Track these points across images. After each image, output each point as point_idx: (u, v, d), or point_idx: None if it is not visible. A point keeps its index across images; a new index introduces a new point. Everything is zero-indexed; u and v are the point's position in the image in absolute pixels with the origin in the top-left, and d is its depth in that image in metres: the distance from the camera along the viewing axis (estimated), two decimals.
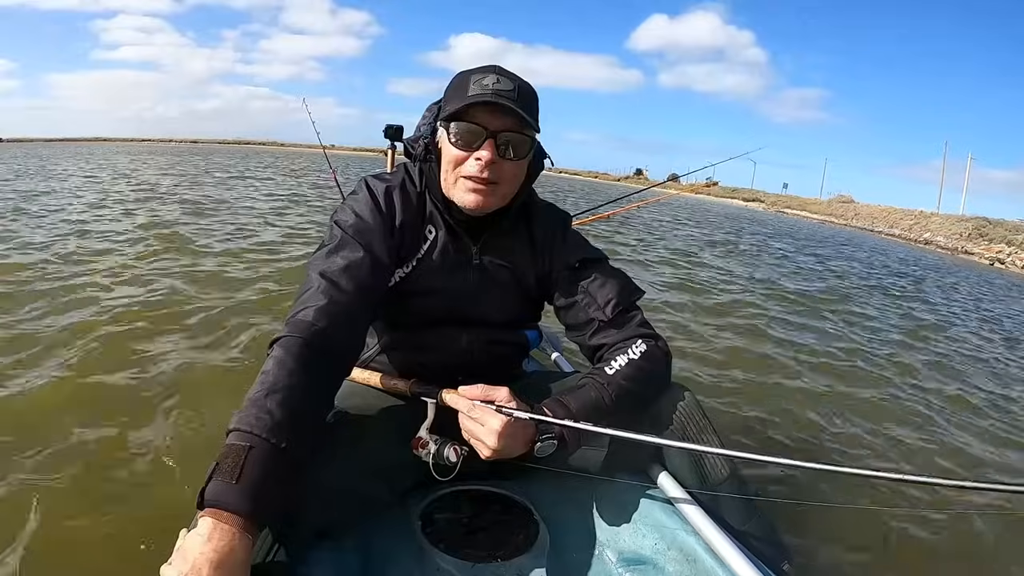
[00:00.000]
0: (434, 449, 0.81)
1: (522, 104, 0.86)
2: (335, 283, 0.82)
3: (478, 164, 0.86)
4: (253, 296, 3.09)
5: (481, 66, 0.90)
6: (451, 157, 0.88)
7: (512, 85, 0.86)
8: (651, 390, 0.94)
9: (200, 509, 0.61)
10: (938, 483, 0.68)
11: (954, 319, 5.10)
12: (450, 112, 0.86)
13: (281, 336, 0.76)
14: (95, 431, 1.60)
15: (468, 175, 0.87)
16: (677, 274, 5.35)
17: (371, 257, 0.87)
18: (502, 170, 0.88)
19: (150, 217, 5.67)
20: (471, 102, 0.83)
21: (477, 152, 0.86)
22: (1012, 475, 2.02)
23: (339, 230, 0.89)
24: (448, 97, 0.90)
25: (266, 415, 0.66)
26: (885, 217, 27.48)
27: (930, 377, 3.07)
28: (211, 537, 0.58)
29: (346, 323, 0.81)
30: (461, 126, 0.86)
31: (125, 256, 3.86)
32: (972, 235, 19.74)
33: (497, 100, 0.83)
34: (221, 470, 0.62)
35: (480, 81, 0.85)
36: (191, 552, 0.57)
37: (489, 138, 0.85)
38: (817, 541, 1.37)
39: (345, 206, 0.93)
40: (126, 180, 10.28)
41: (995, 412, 2.64)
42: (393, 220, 0.92)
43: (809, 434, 2.09)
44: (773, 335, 3.47)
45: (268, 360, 0.74)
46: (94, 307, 2.68)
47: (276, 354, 0.74)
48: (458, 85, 0.88)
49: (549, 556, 0.86)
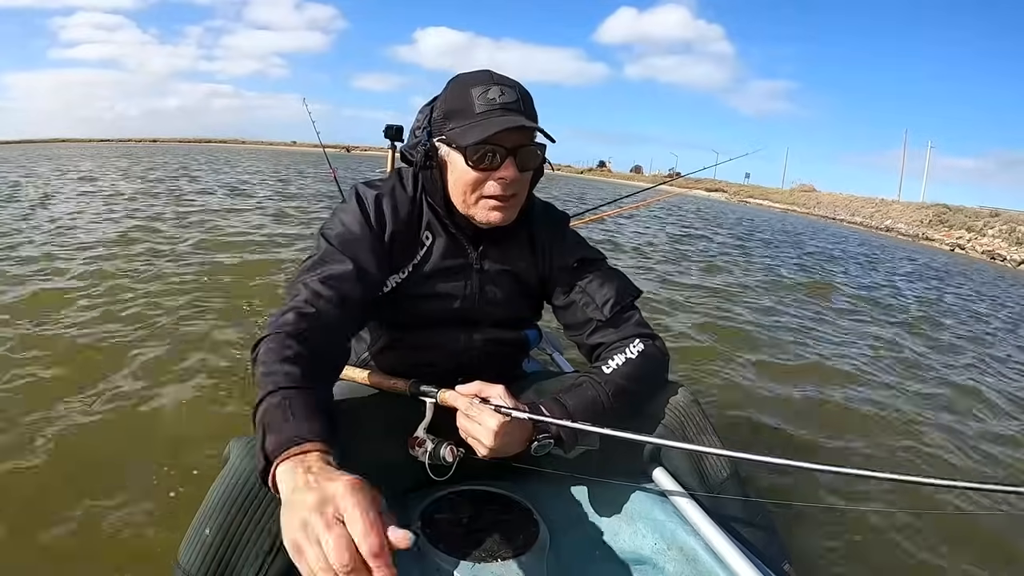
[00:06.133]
0: (430, 449, 0.81)
1: (528, 113, 0.86)
2: (317, 293, 0.81)
3: (502, 183, 0.86)
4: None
5: (475, 72, 0.89)
6: (470, 179, 0.87)
7: (515, 95, 0.86)
8: (649, 389, 0.94)
9: (269, 470, 0.58)
10: (937, 484, 0.67)
11: (954, 318, 5.10)
12: (471, 141, 0.83)
13: (264, 336, 0.76)
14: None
15: (491, 195, 0.87)
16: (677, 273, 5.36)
17: (356, 268, 0.86)
18: (520, 183, 0.89)
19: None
20: (495, 131, 0.82)
21: (499, 172, 0.85)
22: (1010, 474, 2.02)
23: (325, 241, 0.89)
24: (450, 111, 0.88)
25: (282, 375, 0.68)
26: (847, 205, 27.62)
27: (934, 378, 3.07)
28: (301, 474, 0.54)
29: (326, 331, 0.80)
30: (481, 148, 0.84)
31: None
32: (932, 222, 20.01)
33: (509, 118, 0.83)
34: (272, 426, 0.62)
35: (484, 95, 0.84)
36: (302, 499, 0.51)
37: (509, 156, 0.85)
38: (817, 541, 1.37)
39: (333, 217, 0.93)
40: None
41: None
42: (383, 229, 0.91)
43: (809, 434, 2.09)
44: (773, 335, 3.47)
45: (259, 352, 0.73)
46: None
47: (264, 347, 0.74)
48: (459, 98, 0.87)
49: (549, 556, 0.86)
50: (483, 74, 0.88)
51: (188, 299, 2.95)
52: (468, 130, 0.84)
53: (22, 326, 2.40)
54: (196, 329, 2.51)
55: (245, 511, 0.72)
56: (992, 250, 15.64)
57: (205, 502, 0.73)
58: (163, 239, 4.58)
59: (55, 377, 1.94)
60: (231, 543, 0.71)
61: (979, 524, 1.60)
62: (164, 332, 2.45)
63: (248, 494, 0.72)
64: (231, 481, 0.73)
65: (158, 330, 2.47)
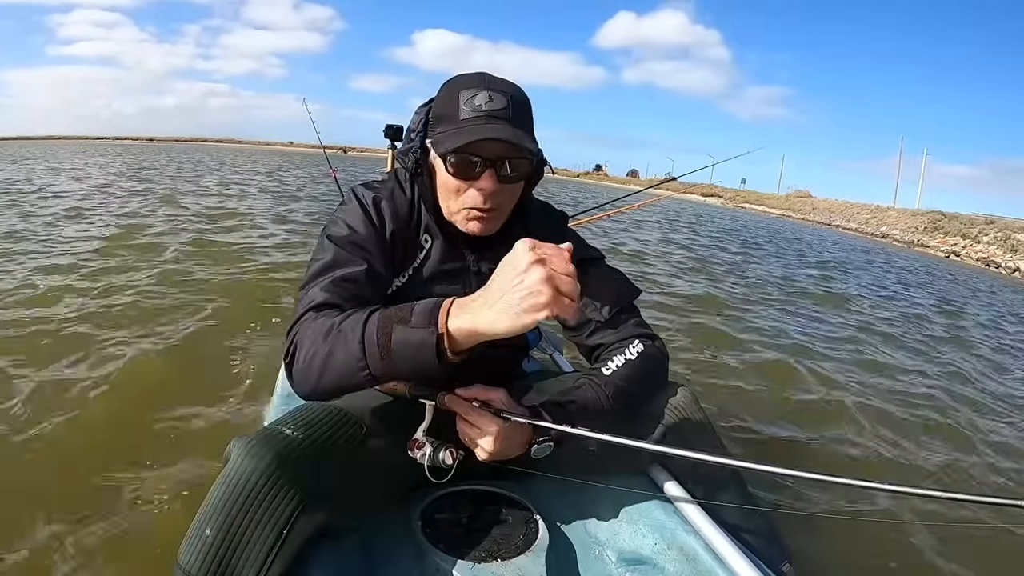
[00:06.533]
0: (430, 451, 0.81)
1: (518, 121, 0.83)
2: (333, 295, 0.81)
3: (480, 195, 0.84)
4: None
5: (469, 75, 0.86)
6: (451, 187, 0.85)
7: (505, 101, 0.82)
8: (648, 389, 0.94)
9: (437, 333, 0.66)
10: (937, 495, 0.66)
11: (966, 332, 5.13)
12: (447, 149, 0.81)
13: (293, 331, 0.78)
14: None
15: (470, 206, 0.85)
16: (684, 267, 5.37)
17: (368, 269, 0.85)
18: (503, 195, 0.86)
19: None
20: (469, 140, 0.79)
21: (478, 183, 0.83)
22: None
23: (332, 244, 0.87)
24: (438, 115, 0.86)
25: (354, 313, 0.73)
26: (842, 211, 27.73)
27: (938, 384, 3.07)
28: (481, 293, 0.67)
29: None
30: (458, 157, 0.82)
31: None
32: (928, 228, 20.17)
33: (491, 127, 0.79)
34: (404, 314, 0.69)
35: (471, 100, 0.81)
36: (502, 284, 0.64)
37: (488, 167, 0.82)
38: (816, 544, 1.37)
39: (336, 219, 0.91)
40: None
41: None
42: (384, 230, 0.91)
43: (809, 433, 2.10)
44: (772, 338, 3.48)
45: (301, 336, 0.76)
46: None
47: (301, 333, 0.76)
48: (448, 101, 0.84)
49: (549, 556, 0.86)
50: (477, 77, 0.85)
51: (188, 299, 2.94)
52: (449, 136, 0.82)
53: (17, 319, 2.40)
54: (196, 329, 2.50)
55: (245, 511, 0.72)
56: (987, 257, 15.76)
57: (205, 502, 0.73)
58: (162, 239, 4.56)
59: (53, 375, 1.93)
60: (231, 543, 0.71)
61: (975, 532, 1.59)
62: (163, 332, 2.44)
63: (248, 494, 0.72)
64: (231, 481, 0.73)
65: (157, 329, 2.46)
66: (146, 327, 2.49)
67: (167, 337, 2.39)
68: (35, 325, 2.40)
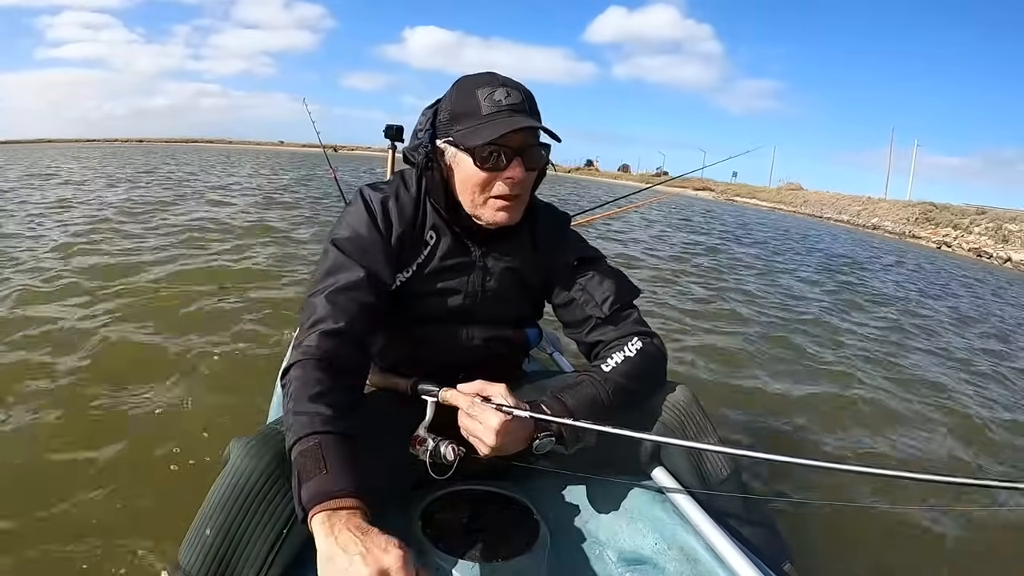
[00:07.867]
0: (431, 447, 0.81)
1: (533, 113, 0.88)
2: (337, 306, 0.82)
3: (509, 183, 0.87)
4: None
5: (479, 75, 0.90)
6: (478, 180, 0.87)
7: (520, 96, 0.87)
8: (647, 387, 0.95)
9: (307, 517, 0.62)
10: (939, 480, 0.68)
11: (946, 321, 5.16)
12: (480, 141, 0.84)
13: (294, 362, 0.78)
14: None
15: (499, 195, 0.88)
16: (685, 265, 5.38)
17: (371, 274, 0.87)
18: (527, 182, 0.90)
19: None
20: (503, 132, 0.83)
21: (507, 172, 0.86)
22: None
23: (337, 250, 0.89)
24: (456, 113, 0.88)
25: (315, 416, 0.70)
26: (834, 203, 27.61)
27: (935, 374, 3.09)
28: (336, 528, 0.59)
29: (353, 343, 0.82)
30: (489, 149, 0.85)
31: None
32: (919, 220, 20.08)
33: (517, 119, 0.84)
34: (306, 473, 0.64)
35: (491, 96, 0.85)
36: (335, 555, 0.57)
37: (516, 156, 0.86)
38: (818, 539, 1.37)
39: (342, 222, 0.93)
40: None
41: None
42: (391, 231, 0.92)
43: (809, 432, 2.11)
44: (771, 333, 3.50)
45: (289, 384, 0.75)
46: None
47: (294, 375, 0.76)
48: (465, 100, 0.87)
49: (549, 556, 0.86)
50: (488, 76, 0.89)
51: (188, 299, 2.92)
52: (475, 131, 0.85)
53: (10, 320, 2.38)
54: (196, 329, 2.49)
55: (245, 511, 0.72)
56: (978, 248, 15.83)
57: (205, 502, 0.73)
58: (163, 238, 4.53)
59: (51, 374, 1.92)
60: (231, 543, 0.71)
61: (980, 521, 1.60)
62: (163, 331, 2.43)
63: (248, 494, 0.72)
64: (231, 481, 0.73)
65: (156, 329, 2.45)
66: (146, 327, 2.47)
67: (167, 337, 2.38)
68: (36, 325, 2.39)
